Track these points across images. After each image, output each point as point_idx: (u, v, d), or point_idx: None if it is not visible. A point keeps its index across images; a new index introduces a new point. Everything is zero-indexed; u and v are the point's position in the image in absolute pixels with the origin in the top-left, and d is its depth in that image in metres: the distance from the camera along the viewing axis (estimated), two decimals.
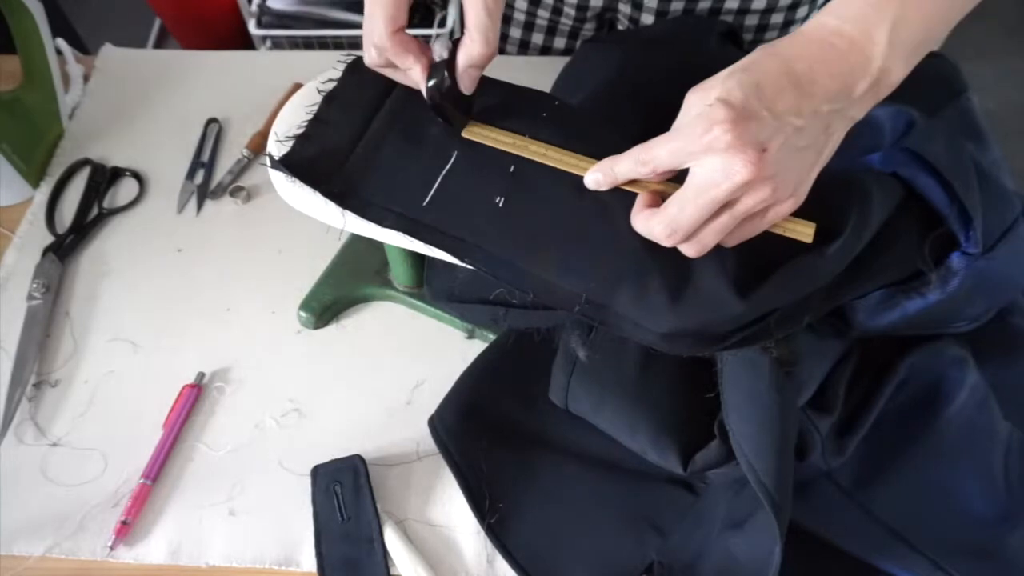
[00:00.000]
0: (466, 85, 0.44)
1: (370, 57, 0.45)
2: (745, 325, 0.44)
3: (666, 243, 0.41)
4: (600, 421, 0.55)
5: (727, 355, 0.48)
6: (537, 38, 0.89)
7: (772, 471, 0.46)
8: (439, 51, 0.44)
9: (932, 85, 0.76)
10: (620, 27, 0.87)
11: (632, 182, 0.43)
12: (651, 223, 0.41)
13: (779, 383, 0.47)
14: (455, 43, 0.43)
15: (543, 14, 0.86)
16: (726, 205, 0.38)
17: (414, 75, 0.45)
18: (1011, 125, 1.81)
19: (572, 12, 0.85)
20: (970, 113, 0.75)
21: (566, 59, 0.88)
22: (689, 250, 0.41)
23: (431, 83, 0.44)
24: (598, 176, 0.43)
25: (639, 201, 0.43)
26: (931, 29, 0.40)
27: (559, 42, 0.89)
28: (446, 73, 0.43)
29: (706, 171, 0.37)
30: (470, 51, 0.42)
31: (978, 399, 0.54)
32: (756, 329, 0.44)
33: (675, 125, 0.39)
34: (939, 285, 0.48)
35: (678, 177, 0.40)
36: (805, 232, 0.43)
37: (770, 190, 0.37)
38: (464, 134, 0.47)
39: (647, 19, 0.83)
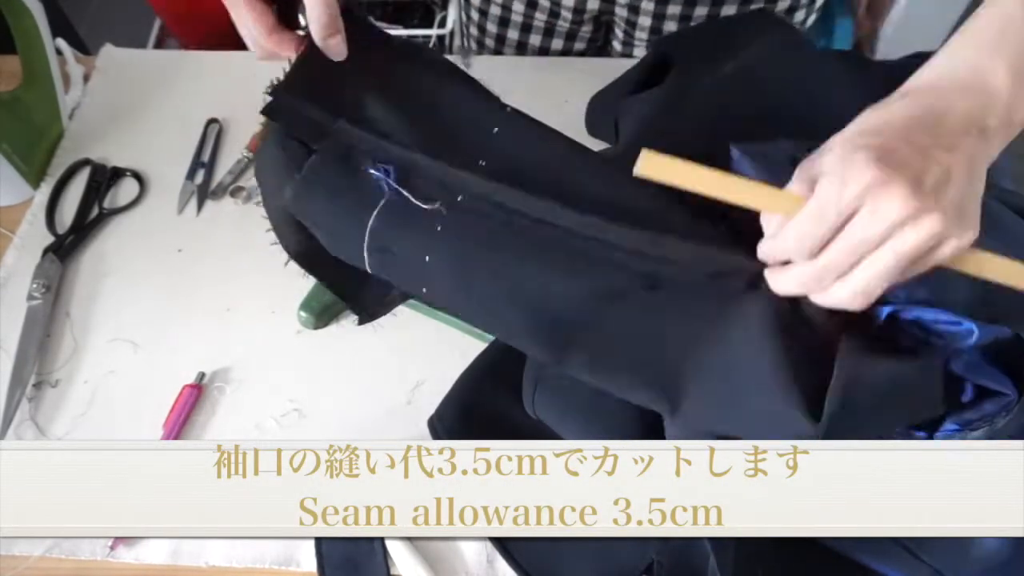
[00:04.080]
0: (331, 52, 0.47)
1: (257, 53, 0.50)
2: None
3: (816, 289, 0.38)
4: (563, 432, 0.55)
5: None
6: (535, 40, 0.89)
7: None
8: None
9: None
10: (618, 30, 0.87)
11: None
12: (787, 277, 0.38)
13: None
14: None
15: (540, 16, 0.86)
16: (883, 244, 0.35)
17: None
18: None
19: (569, 15, 0.85)
20: None
21: (565, 59, 0.89)
22: (848, 299, 0.37)
23: (303, 64, 0.47)
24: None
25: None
26: None
27: (556, 43, 0.89)
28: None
29: (861, 214, 0.34)
30: (315, 19, 0.45)
31: None
32: None
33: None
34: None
35: None
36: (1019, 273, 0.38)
37: (934, 224, 0.34)
38: (638, 171, 0.40)
39: (644, 22, 0.83)
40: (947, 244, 0.35)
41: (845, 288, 0.36)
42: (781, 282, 0.39)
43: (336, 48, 0.47)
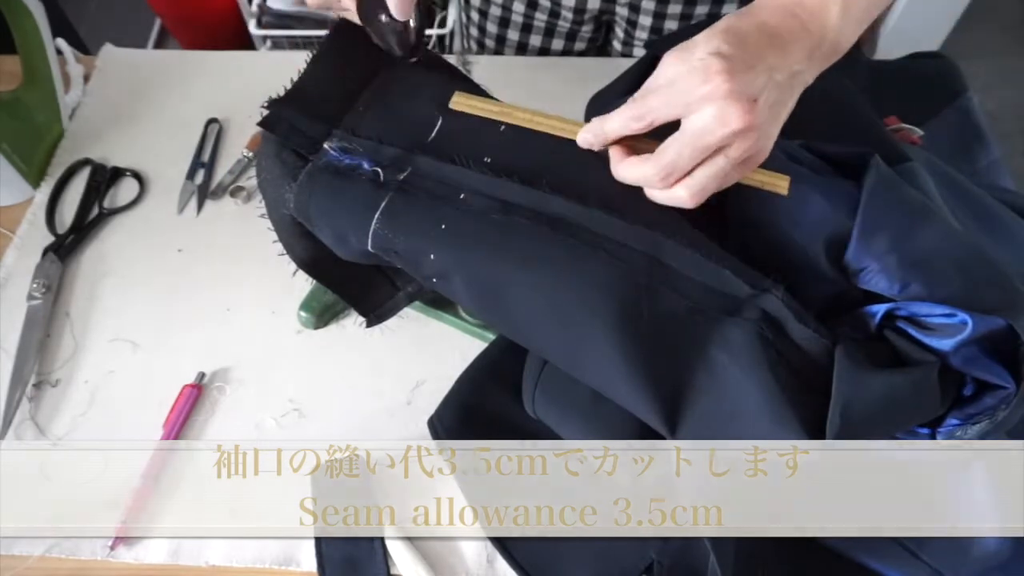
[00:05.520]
0: (399, 10, 0.45)
1: None
2: None
3: (659, 185, 0.42)
4: (563, 432, 0.55)
5: None
6: (535, 40, 0.89)
7: None
8: None
9: (932, 85, 0.76)
10: (618, 29, 0.87)
11: (622, 139, 0.43)
12: (644, 167, 0.42)
13: None
14: None
15: (540, 16, 0.86)
16: (719, 151, 0.40)
17: (346, 3, 0.46)
18: (1011, 125, 1.81)
19: (569, 15, 0.85)
20: (970, 113, 0.75)
21: (565, 59, 0.89)
22: (688, 198, 0.41)
23: (362, 6, 0.46)
24: (588, 136, 0.44)
25: (618, 152, 0.43)
26: (876, 2, 0.44)
27: (557, 44, 0.89)
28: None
29: (703, 118, 0.38)
30: None
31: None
32: None
33: (654, 84, 0.41)
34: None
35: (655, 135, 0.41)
36: (781, 185, 0.44)
37: (756, 138, 0.39)
38: (451, 105, 0.48)
39: (645, 21, 0.83)
40: (758, 156, 0.41)
41: (685, 187, 0.41)
42: (627, 174, 0.43)
43: (403, 6, 0.45)
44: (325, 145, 0.47)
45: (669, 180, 0.41)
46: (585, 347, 0.44)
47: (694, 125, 0.39)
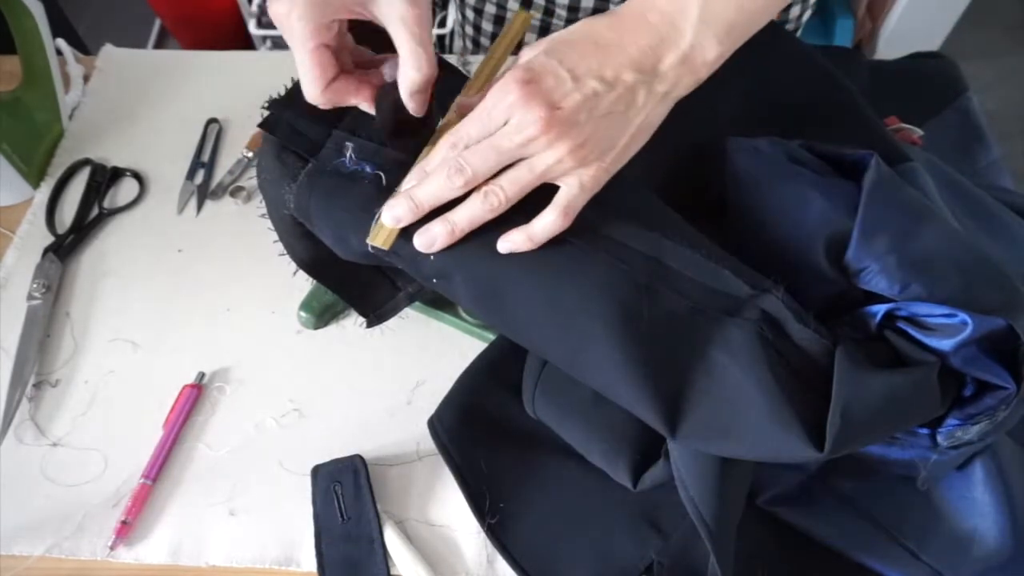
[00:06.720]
0: (414, 108, 0.44)
1: (317, 104, 0.45)
2: None
3: (457, 180, 0.40)
4: (563, 432, 0.55)
5: None
6: (530, 39, 0.89)
7: (710, 501, 0.45)
8: (388, 73, 0.45)
9: (932, 85, 0.76)
10: None
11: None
12: (438, 176, 0.41)
13: None
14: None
15: (535, 15, 0.86)
16: (525, 159, 0.40)
17: (364, 108, 0.45)
18: (1011, 125, 1.81)
19: (564, 13, 0.85)
20: (970, 113, 0.75)
21: None
22: (486, 199, 0.41)
23: (381, 109, 0.45)
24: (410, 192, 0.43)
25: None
26: (745, 7, 0.41)
27: None
28: (396, 98, 0.43)
29: (506, 126, 0.39)
30: (406, 78, 0.42)
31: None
32: None
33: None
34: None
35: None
36: None
37: (566, 149, 0.39)
38: (369, 240, 0.44)
39: None
40: (589, 169, 0.40)
41: (485, 195, 0.41)
42: (424, 190, 0.42)
43: (418, 106, 0.44)
44: (325, 146, 0.47)
45: (465, 175, 0.40)
46: (585, 348, 0.44)
47: (498, 132, 0.40)
